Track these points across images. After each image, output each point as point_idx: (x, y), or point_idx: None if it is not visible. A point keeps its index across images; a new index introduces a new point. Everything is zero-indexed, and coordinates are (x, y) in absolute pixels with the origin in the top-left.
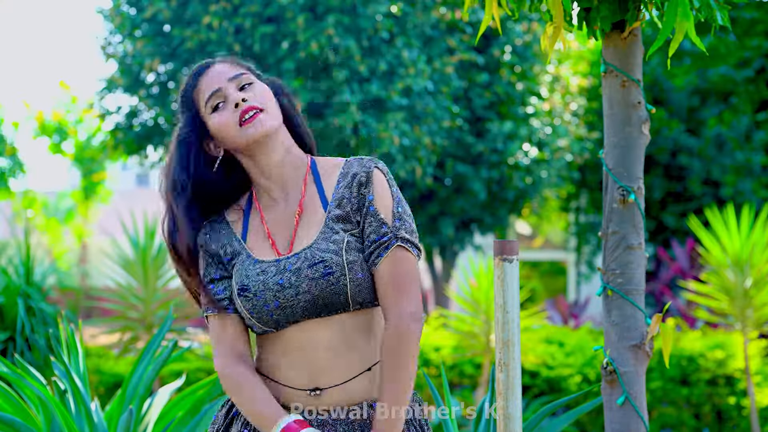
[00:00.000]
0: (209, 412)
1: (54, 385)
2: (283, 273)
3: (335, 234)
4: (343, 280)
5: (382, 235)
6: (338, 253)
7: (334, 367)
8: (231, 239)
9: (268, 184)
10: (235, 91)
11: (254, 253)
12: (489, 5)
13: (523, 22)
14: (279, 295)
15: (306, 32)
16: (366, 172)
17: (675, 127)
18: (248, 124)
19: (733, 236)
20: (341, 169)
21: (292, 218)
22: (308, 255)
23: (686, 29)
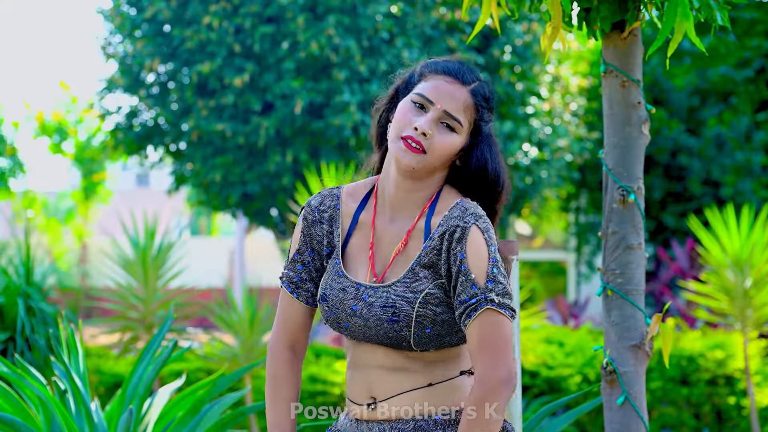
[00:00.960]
0: (209, 412)
1: (54, 385)
2: (359, 301)
3: (417, 282)
4: (407, 330)
5: (471, 296)
6: (412, 303)
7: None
8: (335, 231)
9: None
10: (434, 121)
11: (347, 261)
12: (487, 4)
13: (523, 22)
14: (350, 320)
15: (306, 32)
16: (462, 228)
17: (675, 127)
18: (405, 146)
19: (733, 236)
20: (447, 212)
21: (395, 243)
22: (384, 294)
23: (686, 29)
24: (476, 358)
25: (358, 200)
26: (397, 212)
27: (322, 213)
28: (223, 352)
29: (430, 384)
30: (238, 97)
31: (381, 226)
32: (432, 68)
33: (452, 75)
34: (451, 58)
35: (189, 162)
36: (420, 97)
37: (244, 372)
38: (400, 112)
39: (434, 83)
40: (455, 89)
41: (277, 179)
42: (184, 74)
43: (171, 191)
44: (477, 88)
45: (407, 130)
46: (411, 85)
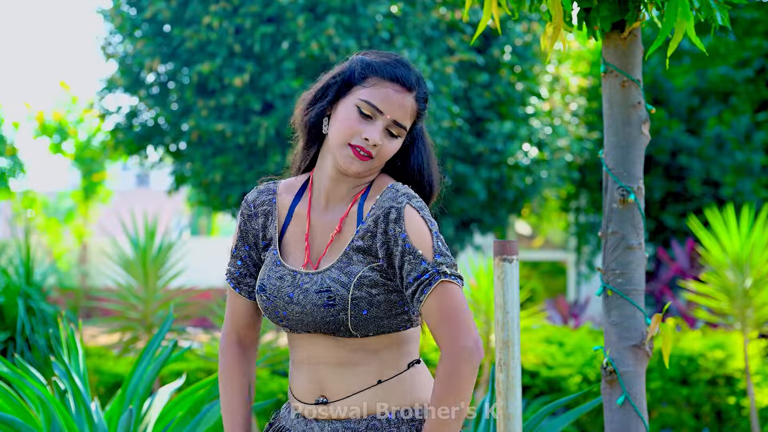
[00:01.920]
0: (209, 412)
1: (54, 385)
2: (295, 288)
3: (351, 265)
4: (344, 314)
5: (423, 272)
6: (346, 286)
7: (337, 380)
8: (271, 224)
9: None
10: (382, 131)
11: (284, 251)
12: (488, 5)
13: (523, 22)
14: (287, 307)
15: (306, 32)
16: (397, 208)
17: (675, 127)
18: (353, 153)
19: (733, 236)
20: (379, 196)
21: (329, 230)
22: (318, 280)
23: (686, 29)
24: (439, 331)
25: (294, 193)
26: (331, 202)
27: (257, 207)
28: None
29: (379, 381)
30: (238, 97)
31: (316, 216)
32: (377, 73)
33: (399, 83)
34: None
35: (189, 162)
36: (369, 106)
37: None
38: (346, 119)
39: (382, 92)
40: (403, 98)
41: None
42: (184, 74)
43: (171, 191)
44: (420, 92)
45: (356, 139)
46: (350, 84)
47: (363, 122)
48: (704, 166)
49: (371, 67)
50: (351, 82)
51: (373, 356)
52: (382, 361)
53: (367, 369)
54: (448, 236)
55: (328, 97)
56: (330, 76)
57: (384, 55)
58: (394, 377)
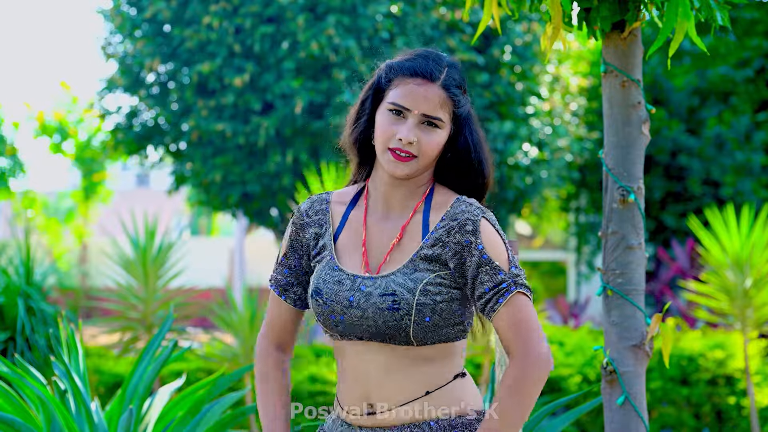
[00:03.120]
0: (209, 412)
1: (54, 385)
2: (356, 292)
3: (417, 272)
4: (407, 319)
5: (500, 282)
6: (412, 291)
7: (384, 388)
8: (325, 233)
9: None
10: (415, 127)
11: (340, 257)
12: (488, 5)
13: (523, 22)
14: (346, 312)
15: (306, 32)
16: (473, 221)
17: (675, 127)
18: (394, 157)
19: (733, 236)
20: (449, 208)
21: (389, 238)
22: (383, 284)
23: (686, 29)
24: (513, 340)
25: (347, 202)
26: (390, 209)
27: (311, 216)
28: (223, 352)
29: (427, 392)
30: (238, 97)
31: (373, 223)
32: (398, 72)
33: (421, 75)
34: (413, 53)
35: (189, 162)
36: (395, 106)
37: (244, 372)
38: (381, 124)
39: (405, 89)
40: (427, 90)
41: (277, 179)
42: (184, 74)
43: (171, 191)
44: (447, 80)
45: (393, 142)
46: (381, 91)
47: (396, 123)
48: (704, 166)
49: (393, 68)
50: (381, 89)
51: (423, 366)
52: (430, 371)
53: (415, 378)
54: None
55: (367, 110)
56: (364, 90)
57: (409, 52)
58: (441, 387)
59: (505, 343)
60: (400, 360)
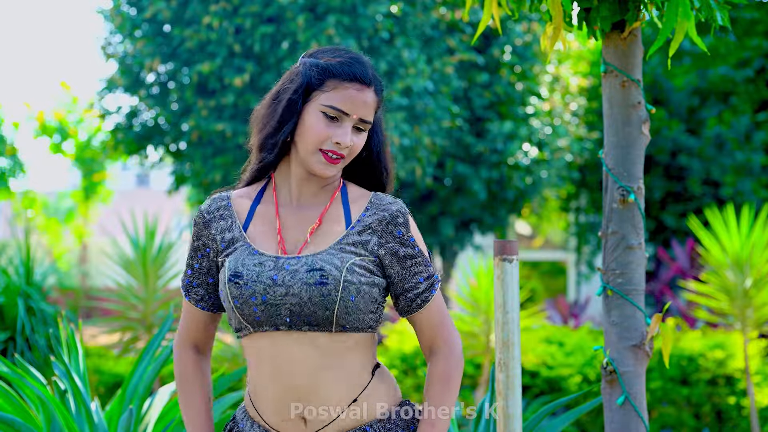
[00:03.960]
0: None
1: (54, 385)
2: (280, 270)
3: (343, 253)
4: (335, 294)
5: (431, 274)
6: (339, 269)
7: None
8: (232, 225)
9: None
10: (350, 131)
11: (255, 244)
12: (488, 5)
13: (523, 22)
14: (269, 291)
15: (306, 32)
16: (402, 213)
17: (675, 127)
18: (326, 159)
19: (733, 236)
20: (370, 199)
21: (305, 225)
22: (310, 261)
23: (686, 29)
24: (437, 334)
25: (251, 198)
26: (302, 202)
27: (213, 213)
28: (223, 352)
29: (354, 400)
30: (238, 97)
31: (286, 215)
32: (335, 75)
33: (359, 81)
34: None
35: (189, 162)
36: (334, 110)
37: (244, 372)
38: (313, 126)
39: (345, 94)
40: (365, 95)
41: None
42: (184, 74)
43: (171, 191)
44: (377, 84)
45: (327, 144)
46: (310, 91)
47: (331, 126)
48: (704, 166)
49: (328, 70)
50: (310, 89)
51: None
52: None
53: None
54: (448, 236)
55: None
56: (289, 90)
57: (336, 54)
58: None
59: (428, 337)
60: (322, 355)
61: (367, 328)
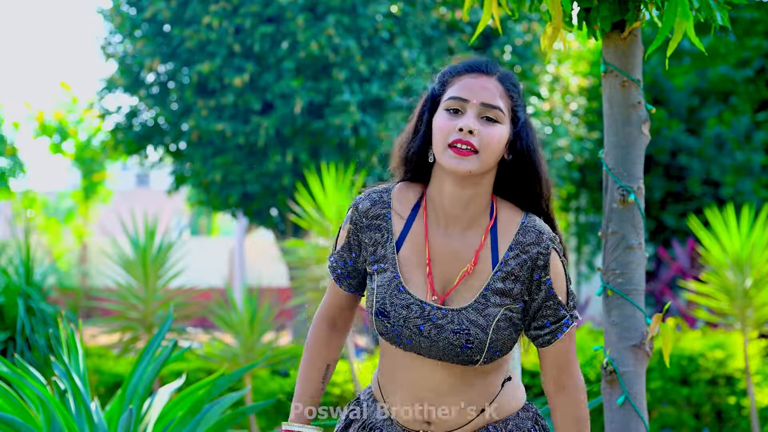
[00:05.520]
0: (209, 412)
1: (54, 385)
2: (426, 321)
3: (489, 307)
4: (479, 354)
5: (560, 318)
6: (485, 330)
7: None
8: (386, 242)
9: (443, 208)
10: (475, 117)
11: (402, 274)
12: (488, 5)
13: (523, 22)
14: (414, 338)
15: (306, 32)
16: (545, 255)
17: (675, 127)
18: (455, 153)
19: (733, 236)
20: (517, 234)
21: (456, 261)
22: (456, 319)
23: (685, 29)
24: (564, 373)
25: (409, 209)
26: (452, 226)
27: (371, 219)
28: (223, 352)
29: (482, 410)
30: (238, 97)
31: (435, 239)
32: (452, 73)
33: (475, 70)
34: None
35: (189, 162)
36: (453, 100)
37: (244, 372)
38: (439, 124)
39: (461, 83)
40: (484, 81)
41: (277, 179)
42: (184, 74)
43: (171, 191)
44: (503, 75)
45: (452, 136)
46: (436, 99)
47: (453, 119)
48: (704, 166)
49: (444, 73)
50: (436, 97)
51: (479, 380)
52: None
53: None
54: None
55: (425, 122)
56: (419, 106)
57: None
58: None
59: (550, 371)
60: (459, 377)
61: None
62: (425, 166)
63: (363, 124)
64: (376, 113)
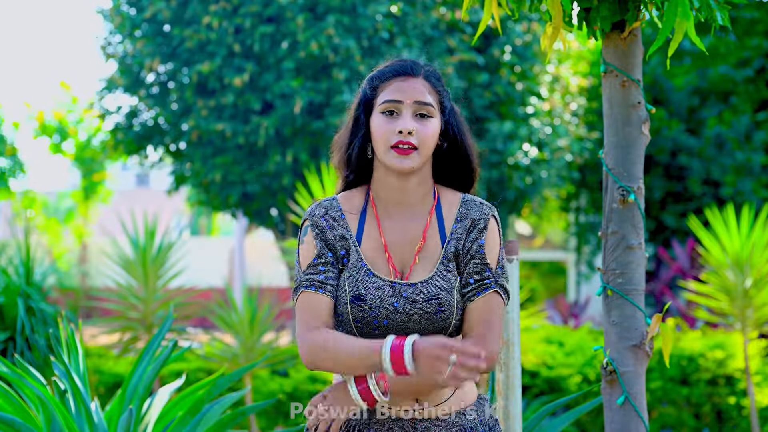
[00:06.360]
0: (209, 412)
1: (54, 385)
2: (399, 298)
3: (449, 273)
4: (452, 318)
5: (484, 278)
6: (450, 292)
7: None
8: (347, 236)
9: (389, 199)
10: (410, 117)
11: (369, 263)
12: (488, 5)
13: (523, 22)
14: (391, 317)
15: (306, 32)
16: (485, 219)
17: (675, 127)
18: (398, 152)
19: (733, 236)
20: (459, 208)
21: (409, 242)
22: (424, 289)
23: (686, 29)
24: (475, 331)
25: (358, 208)
26: (400, 214)
27: (329, 221)
28: (223, 352)
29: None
30: (238, 97)
31: (389, 228)
32: (381, 78)
33: (403, 73)
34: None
35: (189, 162)
36: (388, 103)
37: (244, 372)
38: (378, 127)
39: (392, 87)
40: (413, 82)
41: (277, 179)
42: (184, 74)
43: (171, 191)
44: (427, 73)
45: (393, 138)
46: (369, 104)
47: (391, 121)
48: (704, 166)
49: (373, 78)
50: (369, 101)
51: None
52: None
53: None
54: None
55: (362, 124)
56: (352, 109)
57: (385, 64)
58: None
59: (466, 329)
60: None
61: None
62: (364, 163)
63: None
64: None
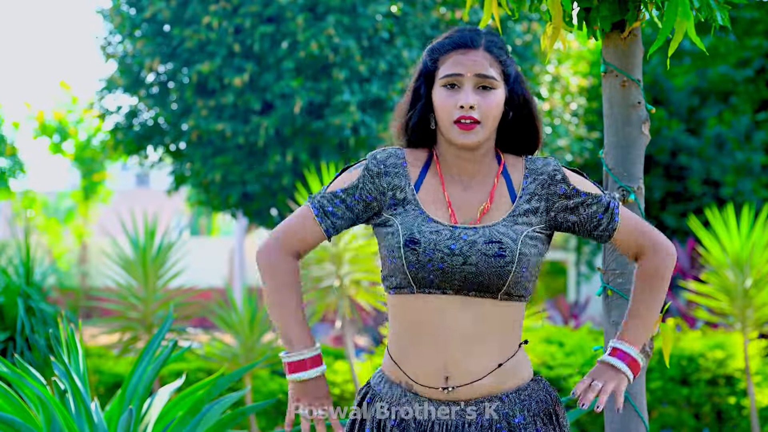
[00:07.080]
0: (209, 412)
1: (54, 385)
2: (457, 240)
3: (517, 225)
4: (511, 266)
5: (606, 204)
6: (515, 241)
7: (466, 360)
8: (405, 185)
9: (454, 165)
10: (471, 91)
11: (427, 211)
12: (488, 5)
13: (523, 22)
14: (446, 259)
15: (306, 32)
16: (558, 170)
17: (675, 127)
18: (460, 128)
19: (733, 236)
20: (525, 167)
21: (474, 204)
22: (486, 232)
23: (686, 29)
24: (642, 240)
25: (422, 162)
26: (465, 176)
27: (388, 167)
28: (223, 352)
29: (500, 365)
30: (238, 96)
31: (452, 187)
32: (440, 51)
33: (463, 45)
34: (448, 33)
35: (189, 162)
36: (448, 77)
37: (244, 372)
38: (439, 102)
39: (452, 60)
40: (473, 55)
41: (277, 179)
42: (184, 74)
43: (171, 191)
44: (488, 44)
45: (455, 113)
46: (431, 76)
47: (452, 95)
48: (704, 166)
49: (433, 50)
50: (429, 73)
51: (498, 334)
52: (504, 339)
53: (491, 349)
54: None
55: (422, 96)
56: (413, 80)
57: (444, 35)
58: (510, 359)
59: (633, 248)
60: (478, 323)
61: (526, 296)
62: (425, 133)
63: (363, 124)
64: (376, 113)
